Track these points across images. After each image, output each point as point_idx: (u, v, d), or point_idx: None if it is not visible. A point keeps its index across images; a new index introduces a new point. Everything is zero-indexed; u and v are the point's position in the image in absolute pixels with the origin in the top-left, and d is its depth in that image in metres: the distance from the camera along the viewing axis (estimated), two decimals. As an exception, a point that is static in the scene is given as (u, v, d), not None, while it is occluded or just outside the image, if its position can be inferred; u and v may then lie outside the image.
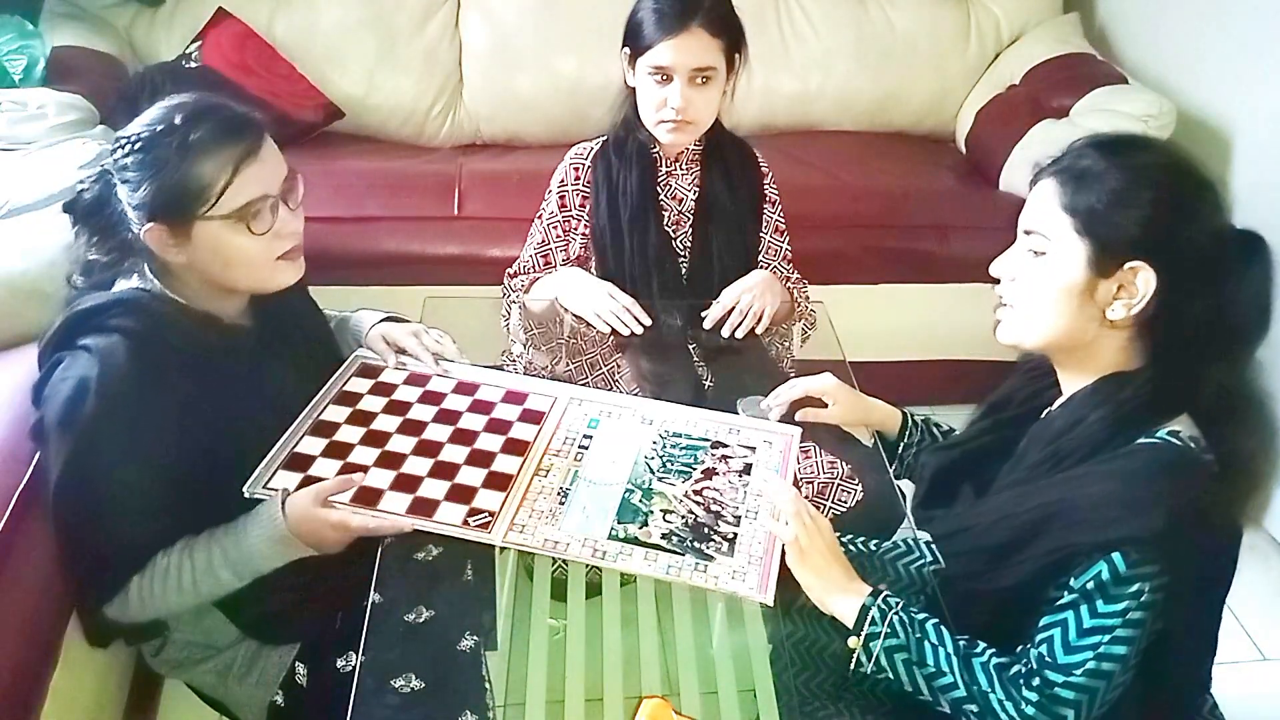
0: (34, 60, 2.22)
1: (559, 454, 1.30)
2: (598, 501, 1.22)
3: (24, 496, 1.19)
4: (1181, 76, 2.51)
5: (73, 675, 1.23)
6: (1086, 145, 1.05)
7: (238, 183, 1.14)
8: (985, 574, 1.10)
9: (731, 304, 1.62)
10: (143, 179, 1.13)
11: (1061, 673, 0.99)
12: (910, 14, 2.79)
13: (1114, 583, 0.97)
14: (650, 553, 1.15)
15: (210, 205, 1.13)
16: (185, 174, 1.12)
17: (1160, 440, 1.01)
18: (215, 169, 1.13)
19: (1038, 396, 1.19)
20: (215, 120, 1.15)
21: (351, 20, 2.61)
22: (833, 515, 1.52)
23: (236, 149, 1.14)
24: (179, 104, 1.16)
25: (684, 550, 1.16)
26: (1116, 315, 1.01)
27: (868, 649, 1.06)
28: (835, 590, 1.10)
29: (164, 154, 1.12)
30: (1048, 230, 1.03)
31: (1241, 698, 1.38)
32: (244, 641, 1.30)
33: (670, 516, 1.20)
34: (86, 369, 1.12)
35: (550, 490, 1.23)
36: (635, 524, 1.19)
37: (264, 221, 1.17)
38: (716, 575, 1.13)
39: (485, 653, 1.17)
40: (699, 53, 1.51)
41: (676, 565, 1.14)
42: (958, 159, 2.76)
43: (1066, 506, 1.01)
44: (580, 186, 1.70)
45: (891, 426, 1.42)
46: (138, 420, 1.13)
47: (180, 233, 1.15)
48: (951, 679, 1.03)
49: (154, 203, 1.13)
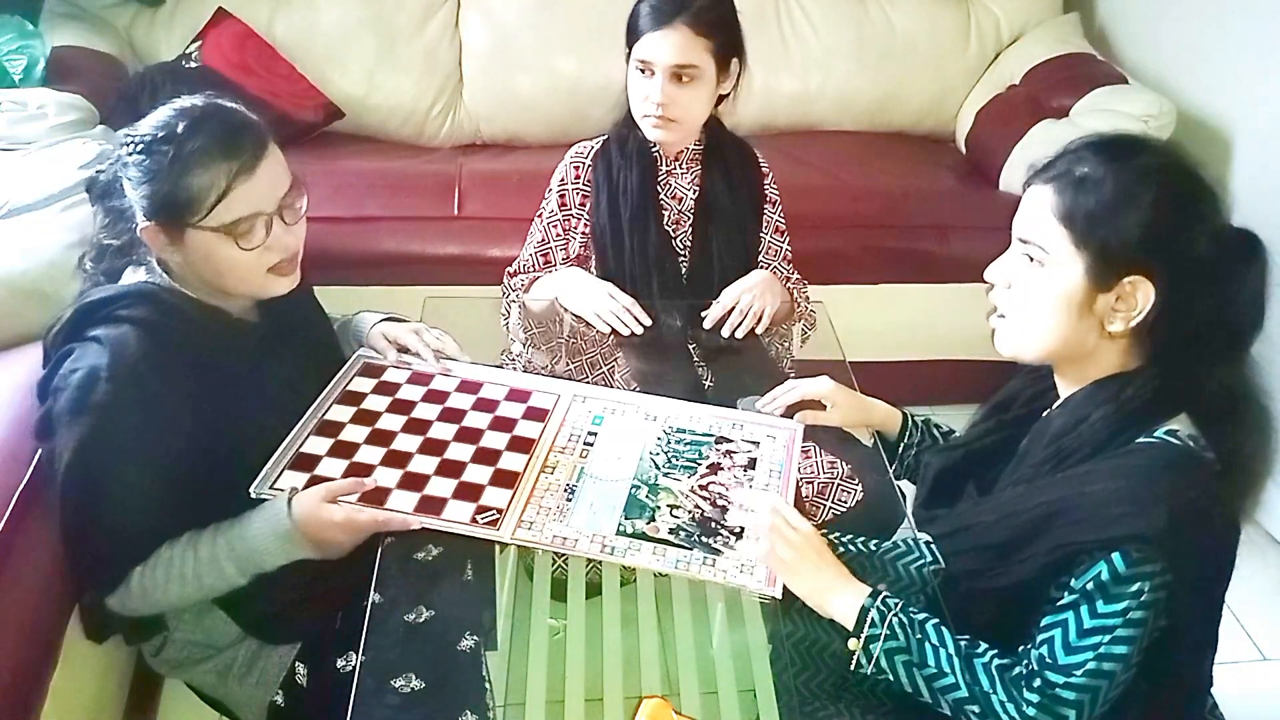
0: (34, 60, 2.22)
1: (564, 451, 1.30)
2: (604, 498, 1.22)
3: (24, 496, 1.19)
4: (1181, 76, 2.51)
5: (73, 675, 1.22)
6: (1081, 149, 1.03)
7: (229, 198, 1.14)
8: (987, 572, 1.10)
9: (731, 304, 1.62)
10: (142, 180, 1.14)
11: (1062, 673, 0.98)
12: (910, 14, 2.79)
13: (1114, 582, 0.96)
14: (658, 547, 1.16)
15: (201, 216, 1.14)
16: (177, 184, 1.13)
17: (1160, 439, 1.01)
18: (207, 183, 1.13)
19: (1041, 397, 1.19)
20: (214, 131, 1.14)
21: (351, 20, 2.61)
22: (833, 515, 1.52)
23: (231, 164, 1.13)
24: (184, 109, 1.17)
25: (691, 545, 1.16)
26: (1116, 328, 1.01)
27: (868, 651, 1.06)
28: (830, 593, 1.10)
29: (161, 161, 1.13)
30: (1044, 241, 1.02)
31: (1241, 698, 1.38)
32: (244, 641, 1.30)
33: (677, 512, 1.21)
34: (97, 358, 1.13)
35: (557, 487, 1.24)
36: (643, 519, 1.20)
37: (255, 238, 1.17)
38: (725, 569, 1.14)
39: (485, 653, 1.17)
40: (681, 49, 1.51)
41: (685, 560, 1.15)
42: (958, 159, 2.76)
43: (1068, 505, 1.01)
44: (580, 185, 1.70)
45: (891, 427, 1.42)
46: (146, 411, 1.13)
47: (174, 236, 1.16)
48: (953, 679, 1.03)
49: (150, 205, 1.15)
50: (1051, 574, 1.03)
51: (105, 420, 1.12)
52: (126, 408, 1.12)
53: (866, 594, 1.08)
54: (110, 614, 1.21)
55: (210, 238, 1.15)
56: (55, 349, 1.19)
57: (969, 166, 2.69)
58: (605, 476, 1.26)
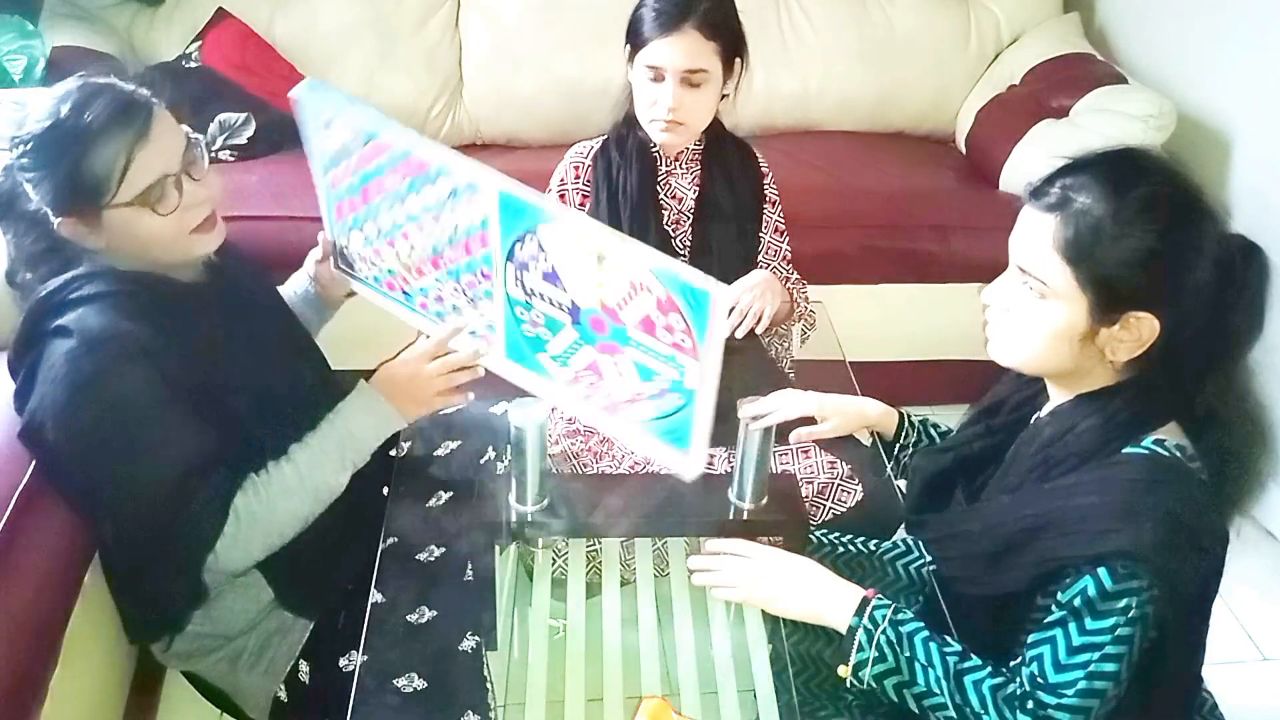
0: (34, 60, 2.23)
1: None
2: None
3: (24, 496, 1.19)
4: (1181, 76, 2.51)
5: (73, 674, 1.22)
6: (1081, 174, 1.00)
7: (134, 168, 1.12)
8: (977, 580, 1.10)
9: (731, 304, 1.62)
10: (42, 177, 1.12)
11: (1054, 694, 0.98)
12: (910, 14, 2.79)
13: (1101, 598, 0.96)
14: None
15: (112, 194, 1.12)
16: (78, 168, 1.11)
17: (1148, 450, 1.01)
18: (109, 158, 1.11)
19: (1030, 402, 1.18)
20: (101, 106, 1.12)
21: (351, 20, 2.61)
22: (833, 515, 1.52)
23: (127, 134, 1.11)
24: (63, 93, 1.14)
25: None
26: (1119, 358, 1.01)
27: (858, 676, 1.06)
28: (821, 608, 1.09)
29: (55, 150, 1.11)
30: (1046, 275, 1.00)
31: (1241, 698, 1.38)
32: (253, 631, 1.31)
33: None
34: (66, 345, 1.12)
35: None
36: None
37: (169, 201, 1.15)
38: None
39: (485, 653, 1.17)
40: (692, 54, 1.51)
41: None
42: (958, 159, 2.76)
43: (1055, 518, 1.01)
44: (580, 185, 1.70)
45: (887, 427, 1.42)
46: (138, 361, 1.12)
47: (92, 222, 1.14)
48: (943, 700, 1.02)
49: (58, 198, 1.12)
50: (1038, 585, 1.02)
51: (106, 388, 1.11)
52: (118, 367, 1.11)
53: (856, 605, 1.07)
54: (192, 580, 1.20)
55: (126, 214, 1.13)
56: (19, 360, 1.18)
57: (969, 166, 2.69)
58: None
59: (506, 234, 1.12)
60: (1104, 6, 2.88)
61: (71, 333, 1.12)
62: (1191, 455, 1.01)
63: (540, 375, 1.20)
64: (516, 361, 1.21)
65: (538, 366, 1.20)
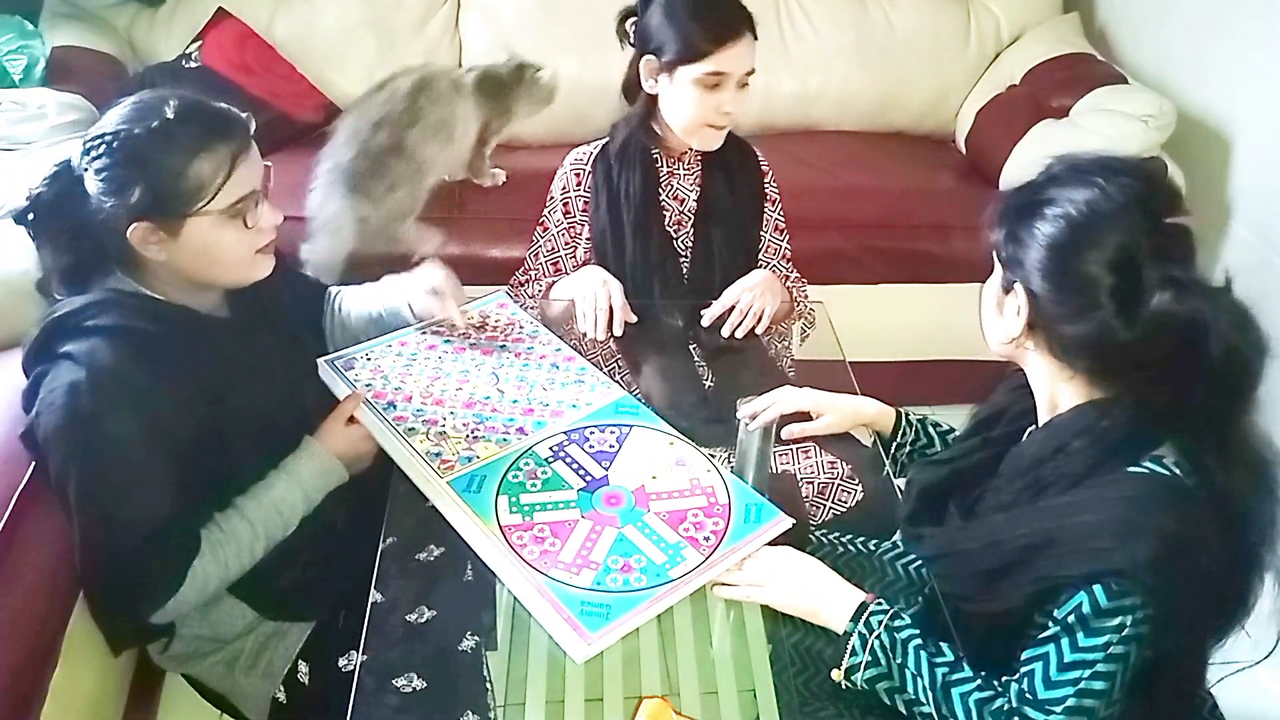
0: (34, 60, 2.23)
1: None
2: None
3: (24, 496, 1.19)
4: (1181, 76, 2.52)
5: (73, 675, 1.22)
6: (1063, 170, 1.05)
7: (233, 179, 1.16)
8: (975, 598, 1.10)
9: (732, 303, 1.62)
10: (129, 178, 1.12)
11: (1041, 710, 0.97)
12: (910, 14, 2.79)
13: (1095, 615, 0.96)
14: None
15: (207, 201, 1.15)
16: (180, 172, 1.13)
17: (1147, 469, 1.00)
18: (214, 167, 1.14)
19: (1027, 415, 1.17)
20: (206, 118, 1.17)
21: (351, 20, 2.61)
22: (833, 515, 1.52)
23: (231, 146, 1.16)
24: (158, 102, 1.16)
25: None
26: (1014, 331, 1.06)
27: (851, 679, 1.07)
28: (819, 606, 1.11)
29: (152, 152, 1.13)
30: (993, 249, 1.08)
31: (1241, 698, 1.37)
32: (251, 633, 1.31)
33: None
34: (73, 374, 1.13)
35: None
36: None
37: (255, 216, 1.20)
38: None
39: (485, 653, 1.17)
40: (749, 57, 1.57)
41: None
42: (958, 159, 2.76)
43: (1052, 537, 1.00)
44: (582, 192, 1.70)
45: (885, 425, 1.42)
46: (136, 408, 1.14)
47: (169, 230, 1.16)
48: (929, 709, 1.03)
49: (143, 201, 1.13)
50: (1036, 604, 1.02)
51: (99, 430, 1.12)
52: (116, 411, 1.13)
53: (854, 609, 1.08)
54: (142, 623, 1.21)
55: (211, 224, 1.16)
56: (29, 367, 1.19)
57: (969, 166, 2.69)
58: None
59: (594, 418, 1.30)
60: (1104, 6, 2.88)
61: (81, 364, 1.13)
62: (1189, 472, 1.01)
63: (473, 510, 1.20)
64: (459, 491, 1.22)
65: (484, 504, 1.20)
